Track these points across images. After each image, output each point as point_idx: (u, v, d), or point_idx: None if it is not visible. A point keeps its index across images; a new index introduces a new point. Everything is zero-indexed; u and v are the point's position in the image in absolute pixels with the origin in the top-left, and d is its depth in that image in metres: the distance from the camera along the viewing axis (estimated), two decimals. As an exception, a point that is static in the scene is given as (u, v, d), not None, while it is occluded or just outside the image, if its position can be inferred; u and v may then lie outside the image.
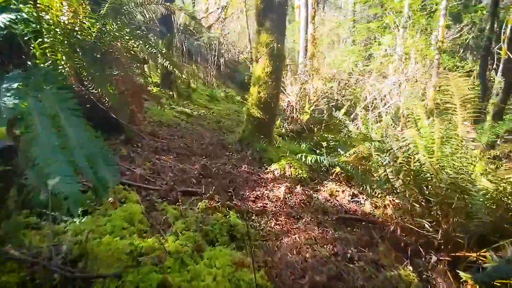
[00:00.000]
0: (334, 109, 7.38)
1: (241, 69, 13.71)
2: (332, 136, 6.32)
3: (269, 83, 4.15)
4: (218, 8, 14.69)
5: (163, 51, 4.05)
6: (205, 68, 9.56)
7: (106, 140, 3.37)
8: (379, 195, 2.78)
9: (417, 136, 2.52)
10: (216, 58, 10.89)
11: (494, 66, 8.74)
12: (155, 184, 2.77)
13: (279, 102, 4.83)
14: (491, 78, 8.46)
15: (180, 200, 2.66)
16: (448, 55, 8.68)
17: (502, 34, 7.20)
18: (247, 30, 13.57)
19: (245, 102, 10.67)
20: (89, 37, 3.35)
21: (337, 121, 7.20)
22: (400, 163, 2.39)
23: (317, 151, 5.50)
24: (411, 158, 2.40)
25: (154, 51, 3.96)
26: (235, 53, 14.70)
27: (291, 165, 3.85)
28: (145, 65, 7.04)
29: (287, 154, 4.52)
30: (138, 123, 3.98)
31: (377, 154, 2.97)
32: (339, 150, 4.41)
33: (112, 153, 2.89)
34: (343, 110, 7.15)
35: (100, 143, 2.28)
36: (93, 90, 3.18)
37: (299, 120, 6.60)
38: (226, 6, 14.42)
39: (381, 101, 7.65)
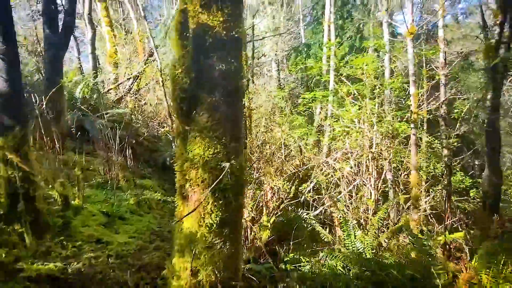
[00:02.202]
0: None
1: (162, 148, 11.18)
2: (307, 260, 4.07)
3: (218, 247, 1.78)
4: (128, 79, 12.41)
5: None
6: (107, 160, 6.72)
7: None
8: None
9: None
10: (126, 139, 8.03)
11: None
12: None
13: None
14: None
15: None
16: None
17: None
18: (165, 103, 11.42)
19: (169, 199, 7.82)
20: None
21: (308, 228, 5.08)
22: None
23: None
24: None
25: None
26: (153, 126, 12.21)
27: None
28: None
29: None
30: None
31: None
32: None
33: None
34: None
35: None
36: None
37: (256, 241, 4.25)
38: (138, 76, 12.25)
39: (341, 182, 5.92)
